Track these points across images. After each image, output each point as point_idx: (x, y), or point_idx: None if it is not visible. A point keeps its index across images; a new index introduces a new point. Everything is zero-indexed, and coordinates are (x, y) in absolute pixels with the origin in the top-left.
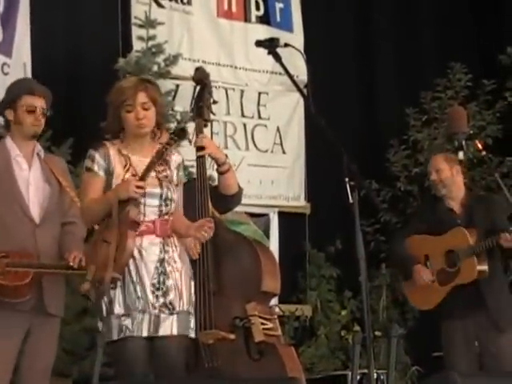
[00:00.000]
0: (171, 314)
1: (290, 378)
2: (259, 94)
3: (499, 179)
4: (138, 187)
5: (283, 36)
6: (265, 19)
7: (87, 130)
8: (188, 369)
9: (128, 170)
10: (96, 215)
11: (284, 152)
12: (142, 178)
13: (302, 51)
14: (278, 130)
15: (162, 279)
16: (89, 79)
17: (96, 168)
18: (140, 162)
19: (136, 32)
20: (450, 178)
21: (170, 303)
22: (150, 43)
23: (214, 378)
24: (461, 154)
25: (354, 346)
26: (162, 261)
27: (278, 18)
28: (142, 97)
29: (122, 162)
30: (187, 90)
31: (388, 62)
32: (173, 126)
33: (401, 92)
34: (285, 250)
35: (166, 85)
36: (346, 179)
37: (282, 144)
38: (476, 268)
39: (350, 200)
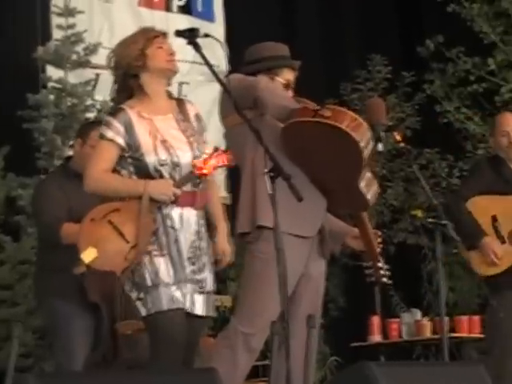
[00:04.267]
0: (201, 293)
1: (209, 369)
2: (180, 84)
3: (417, 171)
4: (174, 195)
5: (205, 26)
6: (186, 9)
7: (4, 118)
8: (106, 360)
9: (155, 136)
10: (110, 191)
11: (205, 142)
12: (179, 185)
13: (224, 41)
14: None
15: (198, 254)
16: (7, 68)
17: (111, 135)
18: (163, 122)
19: (55, 21)
20: None
21: (204, 281)
22: (70, 32)
23: (133, 369)
24: (380, 146)
25: (272, 337)
26: (197, 234)
27: (200, 8)
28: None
29: (145, 127)
30: (107, 79)
31: (310, 53)
32: (92, 115)
33: (321, 83)
34: None
35: (85, 74)
36: (265, 170)
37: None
38: None
39: (269, 191)
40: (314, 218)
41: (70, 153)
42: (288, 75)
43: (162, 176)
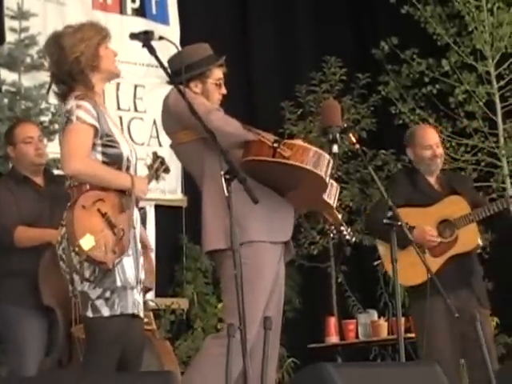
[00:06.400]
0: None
1: (165, 372)
2: (135, 86)
3: (373, 172)
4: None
5: (159, 29)
6: (141, 12)
7: None
8: (61, 365)
9: (118, 129)
10: (96, 179)
11: (160, 145)
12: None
13: (178, 44)
14: (154, 122)
15: (140, 253)
16: None
17: (89, 118)
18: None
19: (8, 23)
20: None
21: (141, 281)
22: (23, 35)
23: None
24: (335, 148)
25: (229, 339)
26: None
27: (154, 11)
28: None
29: (107, 116)
30: None
31: (264, 55)
32: (47, 119)
33: (276, 85)
34: (161, 243)
35: (39, 77)
36: (222, 173)
37: (158, 137)
38: (478, 235)
39: (226, 193)
40: (287, 223)
41: None
42: (217, 74)
43: (128, 168)
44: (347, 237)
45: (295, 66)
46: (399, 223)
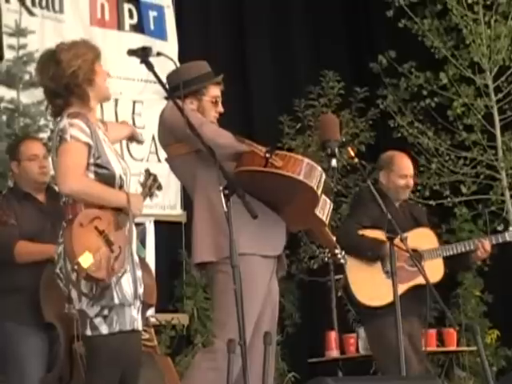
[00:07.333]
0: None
1: None
2: (134, 102)
3: (371, 186)
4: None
5: (157, 44)
6: (138, 27)
7: None
8: (62, 382)
9: (109, 145)
10: (93, 197)
11: (159, 161)
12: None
13: (176, 59)
14: (153, 138)
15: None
16: None
17: (83, 137)
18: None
19: (7, 41)
20: None
21: (141, 296)
22: (21, 52)
23: None
24: (334, 162)
25: (229, 354)
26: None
27: (152, 27)
28: None
29: (100, 134)
30: None
31: (262, 70)
32: (45, 135)
33: (275, 100)
34: (161, 258)
35: (38, 94)
36: (220, 188)
37: (157, 153)
38: (442, 270)
39: (225, 208)
40: (277, 237)
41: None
42: (214, 91)
43: (122, 186)
44: (341, 260)
45: (293, 80)
46: (399, 236)
